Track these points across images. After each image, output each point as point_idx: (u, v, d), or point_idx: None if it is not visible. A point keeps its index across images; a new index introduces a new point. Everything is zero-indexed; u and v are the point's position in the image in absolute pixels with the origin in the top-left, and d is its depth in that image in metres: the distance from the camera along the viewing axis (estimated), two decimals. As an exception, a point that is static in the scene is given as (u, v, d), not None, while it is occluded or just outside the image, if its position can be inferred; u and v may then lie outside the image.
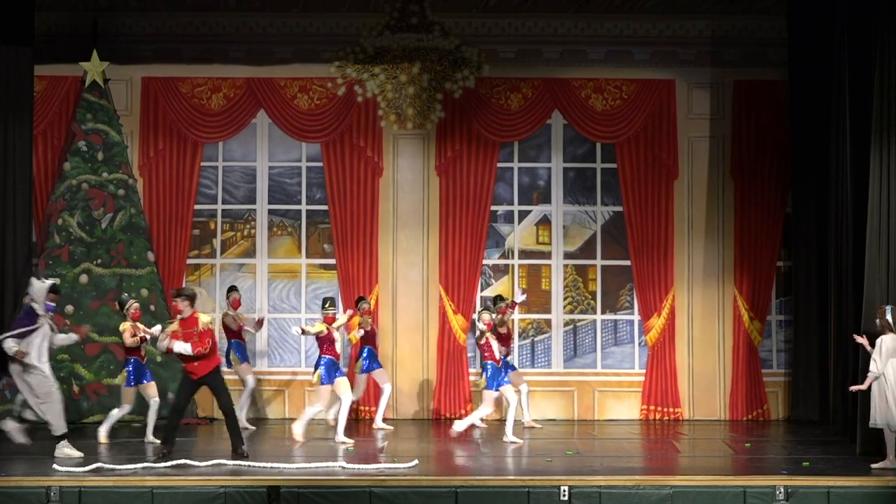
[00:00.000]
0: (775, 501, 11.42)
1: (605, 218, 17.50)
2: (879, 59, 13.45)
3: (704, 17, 17.34)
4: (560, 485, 11.45)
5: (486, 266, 17.45)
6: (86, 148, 16.74)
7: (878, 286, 13.29)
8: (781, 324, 17.35)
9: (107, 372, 16.20)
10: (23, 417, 14.03)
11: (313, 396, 14.99)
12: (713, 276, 17.33)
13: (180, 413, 13.30)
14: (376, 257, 17.27)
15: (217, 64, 17.38)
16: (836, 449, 13.86)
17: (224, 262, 17.42)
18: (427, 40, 17.40)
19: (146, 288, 16.53)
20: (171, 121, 17.30)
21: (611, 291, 17.44)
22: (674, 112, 17.36)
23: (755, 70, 17.32)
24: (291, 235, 17.50)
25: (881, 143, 13.41)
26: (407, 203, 17.40)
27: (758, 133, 17.30)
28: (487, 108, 17.33)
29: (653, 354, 17.16)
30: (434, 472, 12.48)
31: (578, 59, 17.41)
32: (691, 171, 17.42)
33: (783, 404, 17.20)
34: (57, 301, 13.97)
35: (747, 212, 17.27)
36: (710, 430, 16.05)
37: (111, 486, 11.43)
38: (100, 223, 16.59)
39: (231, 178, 17.49)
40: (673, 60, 17.39)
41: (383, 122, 17.40)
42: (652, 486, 11.53)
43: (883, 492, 11.54)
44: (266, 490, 11.33)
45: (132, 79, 17.32)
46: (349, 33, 17.39)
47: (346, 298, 17.19)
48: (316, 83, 17.41)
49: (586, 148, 17.50)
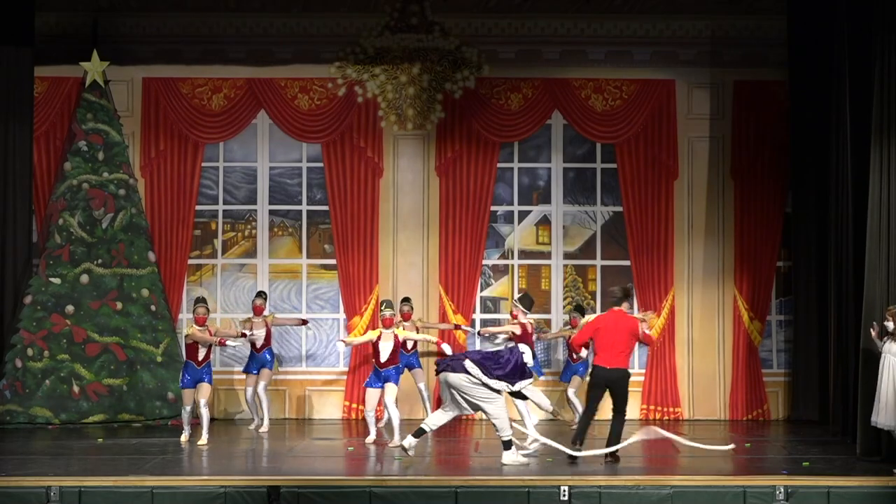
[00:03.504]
0: (775, 501, 11.42)
1: (604, 218, 17.51)
2: (879, 59, 13.45)
3: (704, 17, 17.34)
4: (560, 485, 11.45)
5: (486, 266, 17.46)
6: (86, 148, 16.75)
7: (878, 286, 13.29)
8: (781, 324, 17.35)
9: (107, 372, 16.21)
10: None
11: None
12: (713, 276, 17.34)
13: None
14: (377, 257, 17.28)
15: (217, 64, 17.38)
16: (836, 449, 13.85)
17: (225, 263, 17.43)
18: (427, 41, 17.41)
19: (147, 288, 16.53)
20: (172, 121, 17.31)
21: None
22: (674, 112, 17.37)
23: (755, 70, 17.32)
24: (292, 236, 17.51)
25: (881, 143, 13.40)
26: (407, 203, 17.40)
27: (758, 133, 17.30)
28: (487, 109, 17.34)
29: (653, 354, 17.17)
30: (434, 472, 12.49)
31: (578, 59, 17.41)
32: (691, 171, 17.43)
33: (783, 404, 17.21)
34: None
35: (747, 212, 17.27)
36: (710, 430, 16.05)
37: (111, 486, 11.43)
38: (100, 223, 16.60)
39: (232, 179, 17.50)
40: (673, 60, 17.40)
41: (383, 122, 17.41)
42: (652, 486, 11.53)
43: (883, 492, 11.53)
44: (266, 490, 11.34)
45: (133, 79, 17.33)
46: (349, 34, 17.40)
47: (347, 298, 17.21)
48: (316, 84, 17.42)
49: (586, 148, 17.50)
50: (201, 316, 14.58)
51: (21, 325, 16.22)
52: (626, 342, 13.04)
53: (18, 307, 16.36)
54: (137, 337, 16.32)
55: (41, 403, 16.04)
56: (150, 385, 16.26)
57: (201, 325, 14.55)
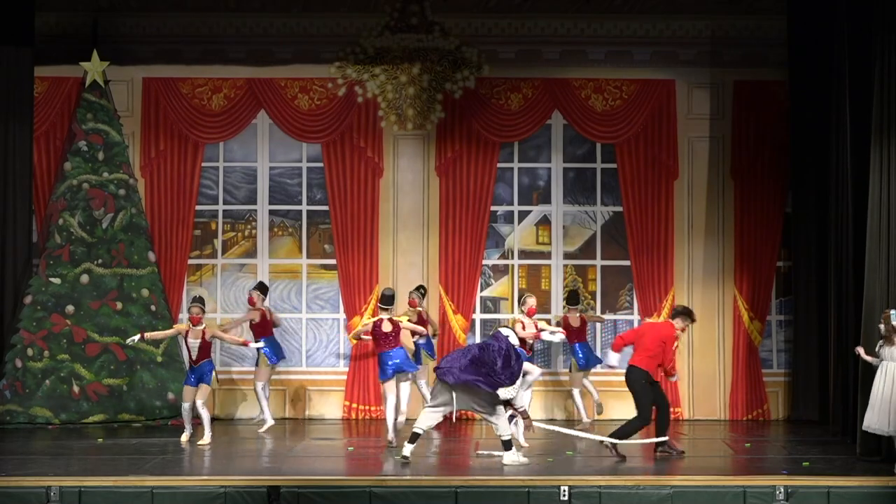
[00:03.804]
0: (775, 501, 11.42)
1: (604, 218, 17.51)
2: (879, 59, 13.45)
3: (704, 17, 17.33)
4: (560, 485, 11.45)
5: (486, 266, 17.46)
6: (86, 148, 16.75)
7: (878, 286, 13.29)
8: (781, 324, 17.35)
9: (107, 372, 16.21)
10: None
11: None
12: (713, 276, 17.34)
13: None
14: (377, 257, 17.28)
15: (217, 64, 17.38)
16: (836, 449, 13.85)
17: (225, 263, 17.43)
18: (427, 41, 17.41)
19: (147, 288, 16.54)
20: (172, 121, 17.31)
21: (610, 291, 17.45)
22: (674, 112, 17.36)
23: (755, 70, 17.32)
24: (292, 236, 17.51)
25: (881, 143, 13.40)
26: (407, 203, 17.41)
27: (758, 133, 17.30)
28: (487, 109, 17.34)
29: (653, 354, 17.15)
30: (434, 472, 12.49)
31: (578, 59, 17.41)
32: (691, 171, 17.42)
33: (783, 404, 17.20)
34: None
35: (747, 212, 17.27)
36: (710, 430, 16.05)
37: (111, 486, 11.43)
38: (100, 223, 16.60)
39: (232, 179, 17.50)
40: (673, 60, 17.39)
41: (383, 122, 17.41)
42: (652, 486, 11.53)
43: (883, 492, 11.54)
44: (266, 490, 11.34)
45: (133, 79, 17.33)
46: (349, 34, 17.40)
47: (347, 298, 17.21)
48: (316, 84, 17.42)
49: (586, 148, 17.50)
50: (196, 315, 14.48)
51: (21, 325, 16.23)
52: (656, 347, 13.51)
53: (18, 307, 16.36)
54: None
55: (41, 403, 16.04)
56: (150, 385, 16.26)
57: (196, 325, 14.48)
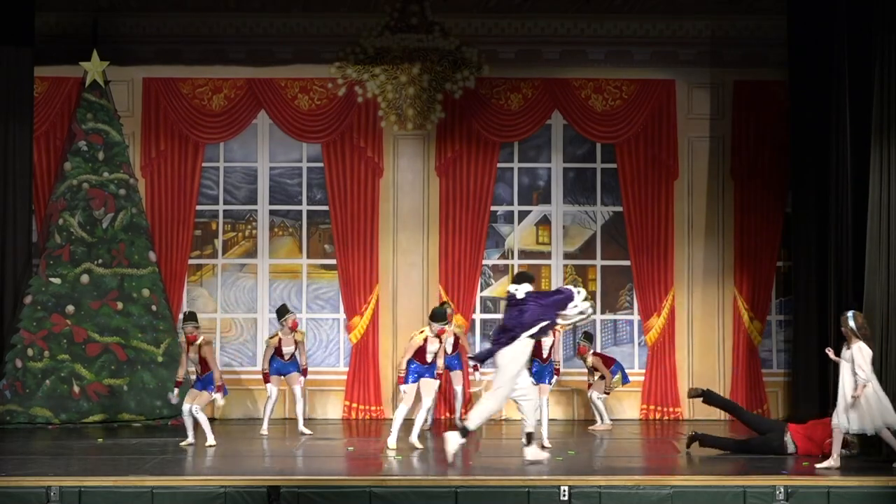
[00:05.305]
0: (775, 501, 11.41)
1: (604, 218, 17.51)
2: (879, 59, 13.45)
3: (704, 17, 17.34)
4: (560, 485, 11.44)
5: (486, 266, 17.46)
6: (86, 148, 16.75)
7: (878, 286, 13.29)
8: (781, 324, 17.36)
9: (107, 372, 16.22)
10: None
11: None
12: (713, 276, 17.34)
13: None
14: (377, 257, 17.28)
15: (218, 65, 17.40)
16: (836, 449, 13.83)
17: (225, 263, 17.44)
18: (427, 41, 17.42)
19: (147, 288, 16.54)
20: (173, 121, 17.32)
21: (610, 291, 17.46)
22: (674, 112, 17.37)
23: (755, 70, 17.32)
24: (292, 236, 17.51)
25: (881, 143, 13.41)
26: (407, 203, 17.41)
27: (758, 133, 17.31)
28: (487, 109, 17.34)
29: (652, 354, 17.18)
30: (434, 472, 12.49)
31: (578, 59, 17.42)
32: (691, 171, 17.43)
33: (783, 404, 17.21)
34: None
35: (747, 212, 17.28)
36: (710, 430, 16.02)
37: (111, 486, 11.42)
38: (100, 223, 16.61)
39: (232, 179, 17.51)
40: (673, 60, 17.40)
41: (383, 122, 17.41)
42: (652, 486, 11.52)
43: (883, 492, 11.53)
44: (266, 490, 11.33)
45: (133, 80, 17.34)
46: (349, 34, 17.41)
47: (347, 298, 17.21)
48: (316, 84, 17.42)
49: (586, 148, 17.51)
50: (191, 335, 14.03)
51: (21, 325, 16.23)
52: None
53: (18, 307, 16.36)
54: (138, 337, 16.32)
55: (41, 403, 16.05)
56: (150, 385, 16.27)
57: (192, 342, 14.04)
